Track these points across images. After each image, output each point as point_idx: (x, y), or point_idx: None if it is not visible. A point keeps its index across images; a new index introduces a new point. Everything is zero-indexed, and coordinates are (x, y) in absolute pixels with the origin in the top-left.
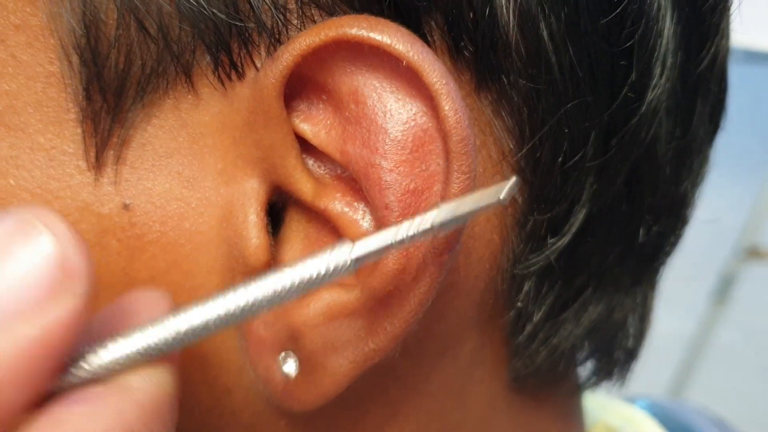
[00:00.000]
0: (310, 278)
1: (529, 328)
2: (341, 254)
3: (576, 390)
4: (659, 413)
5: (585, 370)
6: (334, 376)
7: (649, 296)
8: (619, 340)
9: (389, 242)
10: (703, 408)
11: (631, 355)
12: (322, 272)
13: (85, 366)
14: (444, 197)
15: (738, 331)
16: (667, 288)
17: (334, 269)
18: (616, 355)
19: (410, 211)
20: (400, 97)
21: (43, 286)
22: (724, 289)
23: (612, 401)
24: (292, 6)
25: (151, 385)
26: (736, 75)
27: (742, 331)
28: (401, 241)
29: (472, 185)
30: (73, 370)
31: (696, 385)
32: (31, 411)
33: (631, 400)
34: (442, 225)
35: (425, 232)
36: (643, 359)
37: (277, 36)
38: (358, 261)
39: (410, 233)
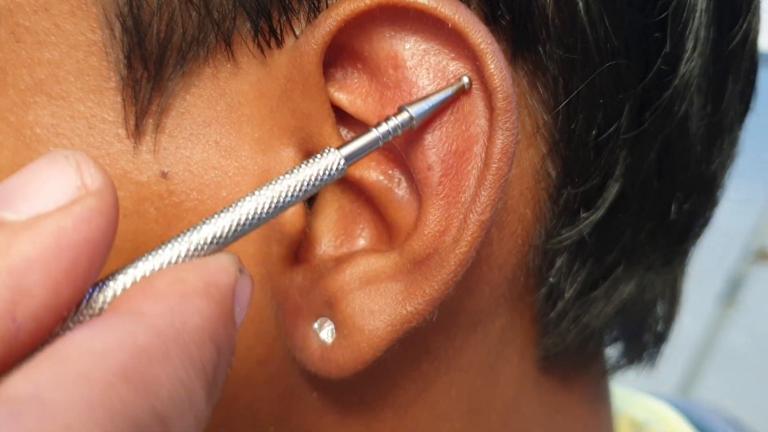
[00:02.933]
0: (309, 180)
1: (560, 305)
2: (332, 155)
3: (604, 373)
4: (678, 410)
5: (614, 354)
6: (372, 340)
7: (679, 279)
8: (649, 323)
9: (375, 137)
10: (717, 407)
11: (660, 338)
12: (320, 173)
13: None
14: (487, 156)
15: (746, 334)
16: None
17: (328, 170)
18: (645, 337)
19: (452, 171)
20: (441, 59)
21: (66, 193)
22: (732, 291)
23: (636, 394)
24: None
25: (175, 316)
26: None
27: (749, 333)
28: (386, 135)
29: (515, 143)
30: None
31: (703, 386)
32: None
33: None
34: (419, 115)
35: (404, 124)
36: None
37: (316, 3)
38: (348, 159)
39: (391, 127)
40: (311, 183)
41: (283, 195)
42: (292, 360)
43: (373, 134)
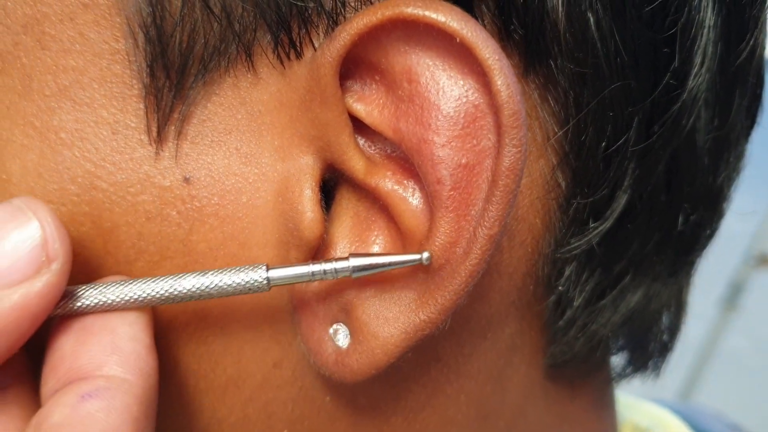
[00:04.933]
0: (228, 286)
1: (568, 313)
2: (258, 274)
3: (610, 381)
4: (680, 416)
5: (620, 362)
6: (386, 346)
7: (684, 291)
8: (654, 332)
9: (303, 273)
10: (718, 412)
11: (666, 348)
12: (239, 283)
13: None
14: (495, 172)
15: (746, 338)
16: None
17: (250, 285)
18: (651, 347)
19: (461, 185)
20: (452, 74)
21: (29, 263)
22: (733, 296)
23: (639, 401)
24: None
25: (144, 380)
26: None
27: (750, 337)
28: (314, 275)
29: (523, 159)
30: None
31: (704, 390)
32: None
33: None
34: (356, 271)
35: (339, 272)
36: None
37: (335, 17)
38: (270, 282)
39: (325, 269)
40: (233, 287)
41: (208, 286)
42: (307, 363)
43: (305, 269)
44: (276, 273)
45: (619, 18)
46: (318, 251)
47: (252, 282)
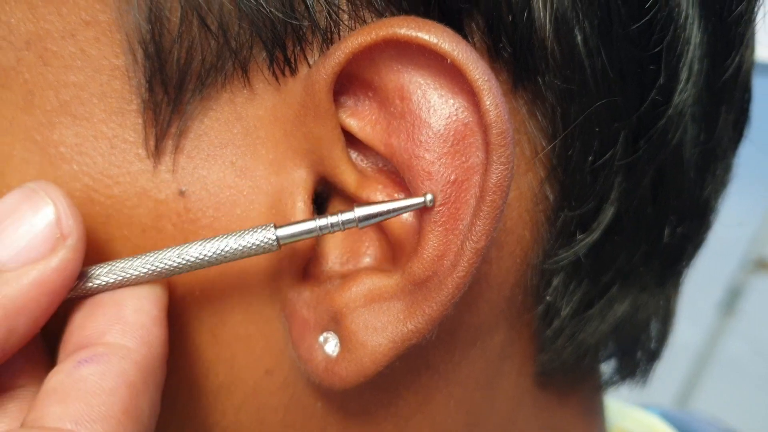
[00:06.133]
0: (238, 248)
1: (556, 323)
2: (267, 233)
3: (599, 388)
4: (672, 422)
5: (608, 369)
6: (374, 355)
7: (672, 300)
8: (642, 341)
9: (311, 228)
10: (713, 418)
11: (653, 356)
12: (249, 245)
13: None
14: (483, 188)
15: (745, 342)
16: None
17: (259, 244)
18: (638, 355)
19: (450, 200)
20: (443, 93)
21: (45, 241)
22: (731, 300)
23: (629, 408)
24: (344, 7)
25: (146, 348)
26: None
27: (749, 342)
28: (321, 229)
29: (510, 177)
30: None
31: (703, 395)
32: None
33: (642, 409)
34: (362, 220)
35: (346, 223)
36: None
37: (329, 35)
38: (279, 240)
39: (331, 222)
40: (242, 249)
41: (218, 249)
42: (299, 371)
43: (312, 225)
44: (284, 231)
45: (606, 36)
46: (310, 263)
47: (261, 242)
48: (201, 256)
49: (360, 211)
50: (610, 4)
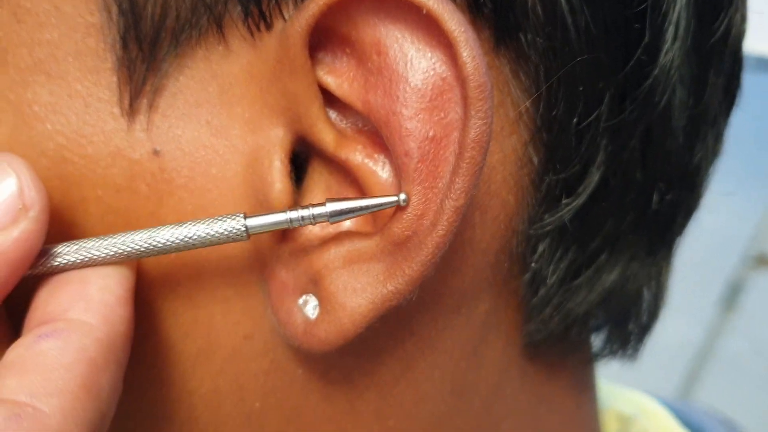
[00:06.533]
0: (207, 236)
1: (542, 291)
2: (236, 222)
3: (590, 362)
4: (668, 408)
5: (598, 342)
6: (353, 316)
7: (664, 272)
8: (633, 313)
9: (282, 220)
10: (710, 408)
11: (645, 329)
12: (218, 233)
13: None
14: (462, 144)
15: (745, 339)
16: (675, 295)
17: (228, 234)
18: (629, 327)
19: (428, 158)
20: (420, 47)
21: (6, 212)
22: (731, 296)
23: (623, 389)
24: None
25: (108, 326)
26: (746, 82)
27: (749, 338)
28: (292, 222)
29: (488, 132)
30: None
31: (702, 391)
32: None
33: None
34: (333, 215)
35: (317, 217)
36: (650, 365)
37: None
38: (248, 230)
39: (302, 216)
40: (211, 237)
41: (186, 236)
42: (278, 336)
43: (282, 217)
44: (254, 221)
45: None
46: None
47: (230, 231)
48: (169, 242)
49: (332, 206)
50: None
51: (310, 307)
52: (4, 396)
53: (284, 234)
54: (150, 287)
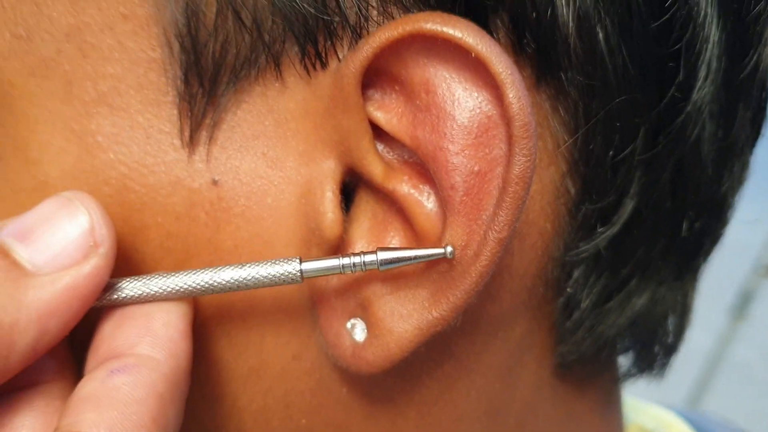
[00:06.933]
0: (264, 278)
1: (576, 315)
2: (292, 266)
3: (617, 381)
4: (687, 421)
5: (625, 362)
6: (400, 341)
7: (690, 295)
8: (660, 335)
9: (334, 266)
10: (725, 419)
11: (670, 350)
12: (274, 275)
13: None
14: (506, 180)
15: (755, 347)
16: None
17: (284, 277)
18: (656, 348)
19: (473, 191)
20: (467, 86)
21: (78, 249)
22: (742, 305)
23: (645, 404)
24: (374, 4)
25: (173, 361)
26: None
27: (758, 346)
28: (344, 268)
29: (532, 168)
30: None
31: (712, 399)
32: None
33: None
34: (383, 264)
35: (368, 264)
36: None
37: (359, 30)
38: (303, 274)
39: (354, 263)
40: (268, 279)
41: (246, 278)
42: (325, 356)
43: (336, 262)
44: (309, 266)
45: (627, 33)
46: (338, 250)
47: (286, 274)
48: (229, 283)
49: (383, 255)
50: (630, 2)
51: (359, 330)
52: (84, 430)
53: None
54: (206, 310)
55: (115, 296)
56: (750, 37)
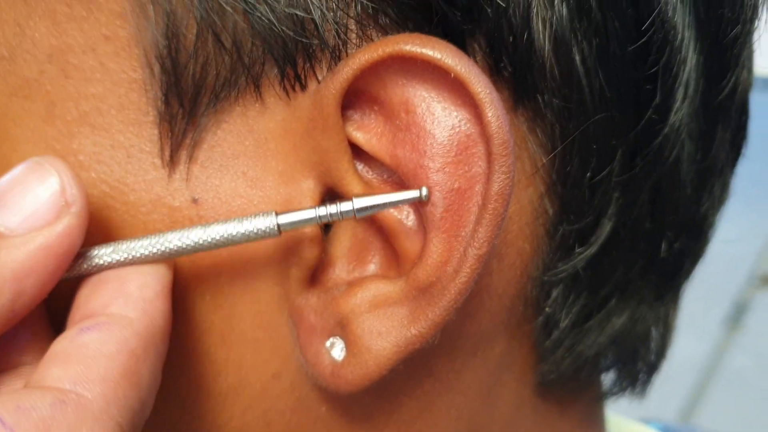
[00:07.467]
0: (239, 233)
1: (555, 334)
2: (268, 219)
3: (599, 399)
4: None
5: (607, 380)
6: (379, 359)
7: (671, 314)
8: (641, 353)
9: (311, 217)
10: None
11: (653, 368)
12: (250, 230)
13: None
14: (485, 197)
15: (750, 357)
16: (682, 313)
17: (260, 231)
18: (638, 366)
19: (453, 208)
20: (446, 106)
21: (50, 208)
22: (737, 315)
23: (627, 421)
24: (352, 26)
25: (147, 319)
26: (753, 101)
27: (753, 356)
28: (320, 218)
29: (511, 185)
30: (75, 266)
31: (707, 409)
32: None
33: (645, 423)
34: (359, 211)
35: (344, 213)
36: (656, 381)
37: (338, 52)
38: (280, 227)
39: (330, 212)
40: (244, 233)
41: (219, 234)
42: (305, 375)
43: (311, 213)
44: (285, 218)
45: (604, 57)
46: (317, 271)
47: (263, 227)
48: (203, 239)
49: (358, 203)
50: (607, 25)
51: (338, 349)
52: (48, 384)
53: (313, 278)
54: (185, 326)
55: (88, 264)
56: (727, 60)
